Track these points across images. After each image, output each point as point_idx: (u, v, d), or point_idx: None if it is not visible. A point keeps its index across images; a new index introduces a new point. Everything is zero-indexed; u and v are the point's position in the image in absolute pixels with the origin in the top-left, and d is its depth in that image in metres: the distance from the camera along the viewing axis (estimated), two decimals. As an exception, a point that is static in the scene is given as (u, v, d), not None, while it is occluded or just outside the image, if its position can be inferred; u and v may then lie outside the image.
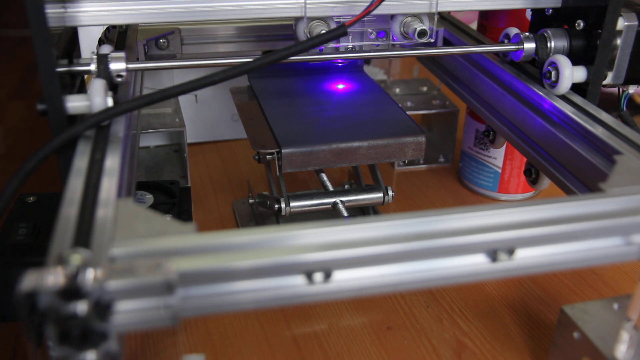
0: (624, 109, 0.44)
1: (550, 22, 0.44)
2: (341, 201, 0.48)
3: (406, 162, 0.65)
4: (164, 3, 0.38)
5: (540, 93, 0.42)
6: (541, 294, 0.47)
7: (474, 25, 0.58)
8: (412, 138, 0.44)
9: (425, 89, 0.67)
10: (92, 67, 0.35)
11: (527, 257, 0.27)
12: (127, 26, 0.49)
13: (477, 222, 0.27)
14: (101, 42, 0.45)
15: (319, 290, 0.25)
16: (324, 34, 0.36)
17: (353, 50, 0.46)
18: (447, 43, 0.53)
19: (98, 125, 0.33)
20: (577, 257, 0.28)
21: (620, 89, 0.44)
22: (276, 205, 0.47)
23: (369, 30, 0.46)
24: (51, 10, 0.35)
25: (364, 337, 0.43)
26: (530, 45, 0.43)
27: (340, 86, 0.53)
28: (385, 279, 0.26)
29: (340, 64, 0.56)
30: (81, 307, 0.21)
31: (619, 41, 0.41)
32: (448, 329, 0.43)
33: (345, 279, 0.25)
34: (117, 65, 0.36)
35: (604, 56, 0.40)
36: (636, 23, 0.40)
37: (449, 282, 0.27)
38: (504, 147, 0.56)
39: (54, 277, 0.21)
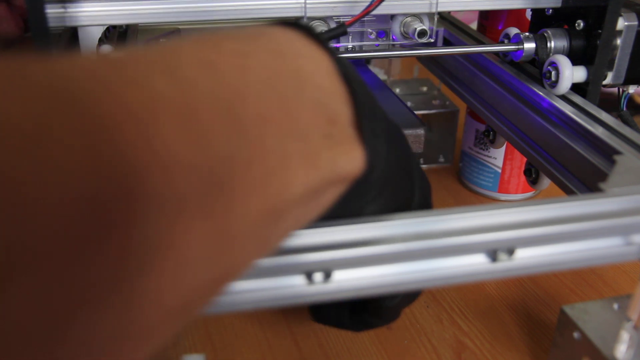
0: (624, 109, 0.44)
1: (550, 22, 0.44)
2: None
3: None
4: (164, 3, 0.38)
5: (540, 93, 0.42)
6: (541, 294, 0.47)
7: (474, 25, 0.58)
8: (411, 130, 0.44)
9: (425, 89, 0.67)
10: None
11: (527, 257, 0.27)
12: (127, 26, 0.49)
13: (477, 222, 0.27)
14: (101, 42, 0.45)
15: (319, 290, 0.25)
16: (323, 32, 0.36)
17: (353, 50, 0.46)
18: (447, 43, 0.53)
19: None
20: (577, 257, 0.28)
21: (620, 89, 0.44)
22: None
23: (369, 30, 0.46)
24: (51, 10, 0.35)
25: (364, 337, 0.42)
26: (530, 45, 0.43)
27: None
28: (385, 279, 0.26)
29: None
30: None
31: (619, 41, 0.41)
32: (448, 329, 0.43)
33: (345, 279, 0.25)
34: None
35: (604, 56, 0.40)
36: (636, 23, 0.40)
37: (449, 282, 0.27)
38: (504, 147, 0.56)
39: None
